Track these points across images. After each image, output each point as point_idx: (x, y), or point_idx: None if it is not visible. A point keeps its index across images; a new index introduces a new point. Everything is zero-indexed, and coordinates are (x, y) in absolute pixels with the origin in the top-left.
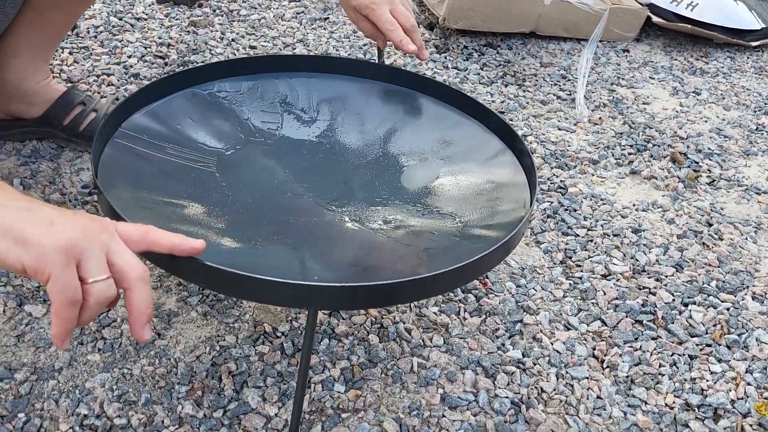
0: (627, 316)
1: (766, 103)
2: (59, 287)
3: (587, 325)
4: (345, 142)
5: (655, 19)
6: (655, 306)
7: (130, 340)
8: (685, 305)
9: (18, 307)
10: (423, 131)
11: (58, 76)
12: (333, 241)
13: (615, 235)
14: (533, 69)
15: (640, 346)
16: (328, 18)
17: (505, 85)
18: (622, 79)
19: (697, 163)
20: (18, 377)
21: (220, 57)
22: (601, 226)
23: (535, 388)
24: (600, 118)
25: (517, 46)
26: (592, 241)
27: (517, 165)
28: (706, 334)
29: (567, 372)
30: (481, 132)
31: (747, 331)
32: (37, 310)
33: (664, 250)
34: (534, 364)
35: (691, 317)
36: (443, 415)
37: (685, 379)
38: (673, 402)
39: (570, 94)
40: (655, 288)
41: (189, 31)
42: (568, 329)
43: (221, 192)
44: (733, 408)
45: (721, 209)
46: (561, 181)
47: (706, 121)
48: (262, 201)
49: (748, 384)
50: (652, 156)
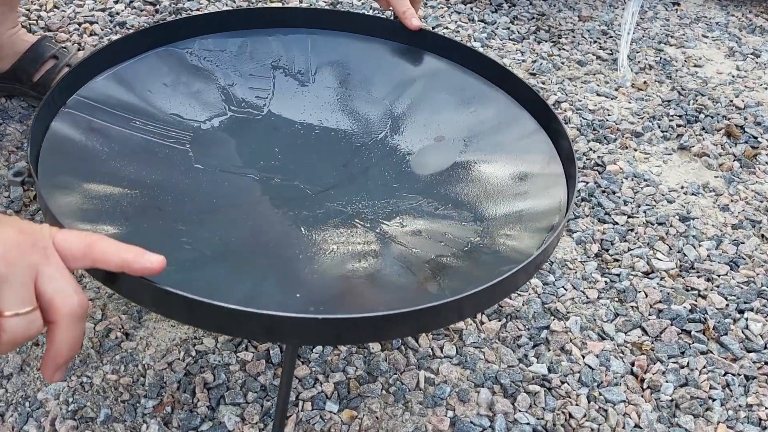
0: (672, 325)
1: None
2: None
3: (625, 334)
4: (347, 116)
5: None
6: (706, 312)
7: (92, 342)
8: (741, 312)
9: None
10: (440, 104)
11: (35, 23)
12: (322, 250)
13: (660, 223)
14: (570, 23)
15: (687, 363)
16: None
17: (538, 42)
18: (671, 36)
19: (755, 138)
20: None
21: (217, 6)
22: (644, 213)
23: (563, 412)
24: (645, 83)
25: None
26: (633, 230)
27: (552, 151)
28: (765, 348)
29: (600, 394)
30: (509, 106)
31: None
32: None
33: (716, 243)
34: (561, 383)
35: (747, 327)
36: None
37: (739, 406)
38: None
39: (611, 54)
40: (705, 290)
41: None
42: (603, 339)
43: (193, 177)
44: None
45: None
46: (598, 157)
47: (767, 88)
48: (243, 189)
49: None
50: (704, 129)
